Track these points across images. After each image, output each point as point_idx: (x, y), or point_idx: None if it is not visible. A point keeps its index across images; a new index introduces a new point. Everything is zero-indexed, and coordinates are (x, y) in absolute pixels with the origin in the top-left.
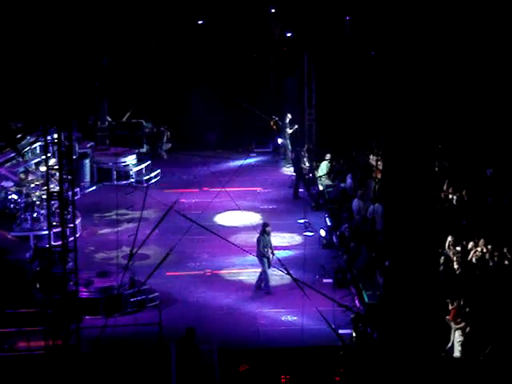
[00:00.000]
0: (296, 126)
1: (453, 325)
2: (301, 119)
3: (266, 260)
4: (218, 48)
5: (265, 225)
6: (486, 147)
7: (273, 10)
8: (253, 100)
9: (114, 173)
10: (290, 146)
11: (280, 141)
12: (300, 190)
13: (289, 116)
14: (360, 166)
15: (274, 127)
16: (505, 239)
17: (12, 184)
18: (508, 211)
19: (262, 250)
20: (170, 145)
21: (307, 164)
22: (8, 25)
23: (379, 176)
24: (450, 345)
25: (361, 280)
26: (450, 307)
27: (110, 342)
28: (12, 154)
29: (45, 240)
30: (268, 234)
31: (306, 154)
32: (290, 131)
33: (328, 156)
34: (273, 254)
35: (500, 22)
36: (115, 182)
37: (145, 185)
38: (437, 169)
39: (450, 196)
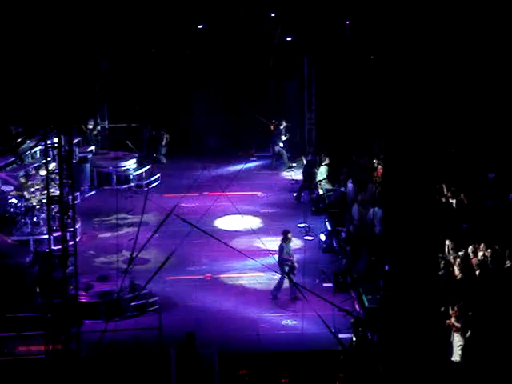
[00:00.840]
0: (287, 136)
1: (453, 328)
2: (301, 123)
3: (286, 268)
4: (218, 52)
5: (286, 232)
6: (487, 151)
7: (273, 15)
8: (253, 104)
9: (114, 177)
10: (285, 153)
11: (277, 149)
12: (302, 194)
13: (284, 123)
14: (360, 170)
15: (275, 131)
16: (505, 243)
17: (12, 188)
18: (508, 215)
19: (286, 257)
20: (167, 148)
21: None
22: (8, 28)
23: (379, 180)
24: (449, 349)
25: (361, 284)
26: (451, 311)
27: (109, 347)
28: (12, 159)
29: (45, 244)
30: (290, 241)
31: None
32: (284, 138)
33: (327, 160)
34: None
35: (500, 24)
36: (115, 187)
37: (145, 189)
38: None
39: (450, 200)
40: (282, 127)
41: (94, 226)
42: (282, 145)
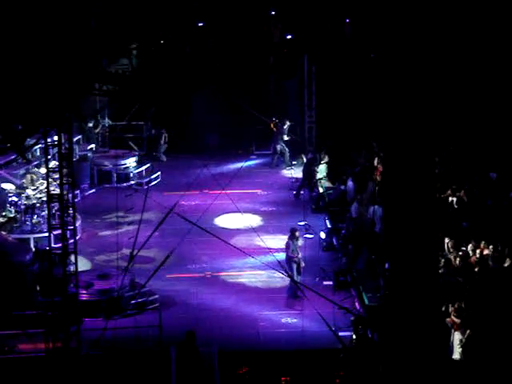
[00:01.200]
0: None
1: (453, 326)
2: (301, 122)
3: (294, 266)
4: (218, 50)
5: (293, 230)
6: (488, 149)
7: (273, 13)
8: (253, 102)
9: (114, 175)
10: (287, 152)
11: (279, 147)
12: (301, 192)
13: (287, 123)
14: (360, 168)
15: (275, 129)
16: (505, 241)
17: (12, 186)
18: (508, 213)
19: (291, 254)
20: (166, 145)
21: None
22: (8, 27)
23: (379, 178)
24: (449, 347)
25: (361, 282)
26: (451, 309)
27: (110, 345)
28: (13, 156)
29: (45, 242)
30: (297, 239)
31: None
32: (286, 138)
33: (327, 158)
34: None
35: (500, 22)
36: (115, 185)
37: (145, 187)
38: (437, 170)
39: (450, 198)
40: (285, 127)
41: (94, 224)
42: (283, 144)
